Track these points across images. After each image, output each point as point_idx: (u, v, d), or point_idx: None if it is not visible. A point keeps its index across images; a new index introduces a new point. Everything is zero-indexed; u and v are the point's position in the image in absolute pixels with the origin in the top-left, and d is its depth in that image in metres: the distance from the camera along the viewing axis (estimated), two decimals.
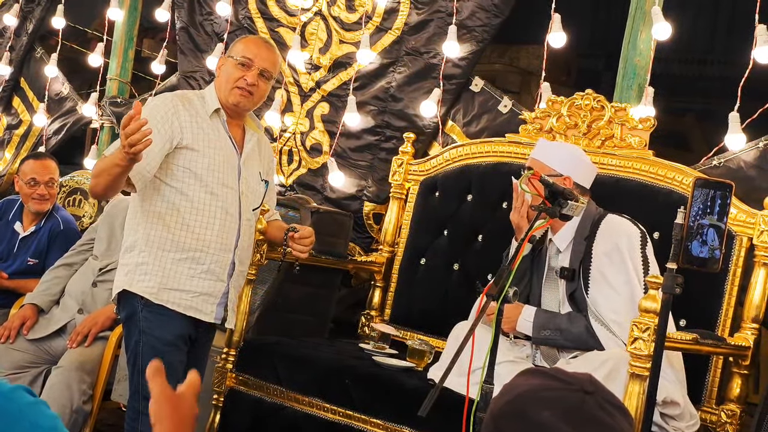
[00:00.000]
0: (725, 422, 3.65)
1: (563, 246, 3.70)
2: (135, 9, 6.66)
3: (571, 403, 1.54)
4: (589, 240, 3.61)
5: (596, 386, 1.58)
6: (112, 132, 6.51)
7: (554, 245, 3.73)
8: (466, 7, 5.00)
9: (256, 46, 3.61)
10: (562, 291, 3.68)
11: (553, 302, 3.72)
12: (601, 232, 3.60)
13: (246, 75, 3.54)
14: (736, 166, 4.09)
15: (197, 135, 3.45)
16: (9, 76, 7.06)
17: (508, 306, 3.62)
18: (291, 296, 4.74)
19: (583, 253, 3.60)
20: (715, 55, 8.57)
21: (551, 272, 3.74)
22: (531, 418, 1.54)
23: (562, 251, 3.70)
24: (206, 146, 3.45)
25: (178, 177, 3.43)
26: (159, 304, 3.41)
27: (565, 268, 3.65)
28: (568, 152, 3.84)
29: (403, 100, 5.20)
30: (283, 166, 5.58)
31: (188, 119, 3.45)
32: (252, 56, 3.56)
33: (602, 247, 3.56)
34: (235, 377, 4.11)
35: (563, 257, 3.70)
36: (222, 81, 3.57)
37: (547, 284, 3.76)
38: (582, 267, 3.59)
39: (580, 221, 3.67)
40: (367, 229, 5.25)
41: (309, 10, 5.58)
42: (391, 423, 3.65)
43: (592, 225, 3.64)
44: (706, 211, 2.66)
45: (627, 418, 1.58)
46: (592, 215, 3.69)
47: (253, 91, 3.56)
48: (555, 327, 3.58)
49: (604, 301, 3.48)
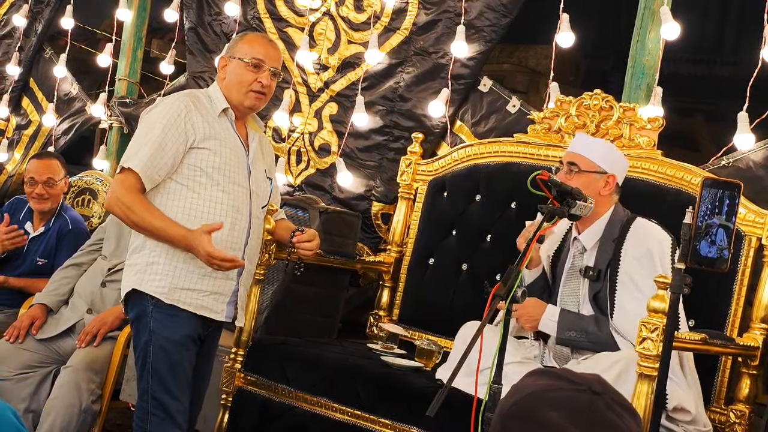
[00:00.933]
0: (734, 422, 3.65)
1: (590, 245, 3.69)
2: (144, 9, 6.67)
3: (579, 404, 1.53)
4: (618, 242, 3.59)
5: (604, 387, 1.57)
6: (120, 132, 6.52)
7: (580, 243, 3.72)
8: (475, 7, 5.00)
9: (263, 47, 3.61)
10: (584, 291, 3.67)
11: (571, 301, 3.70)
12: (632, 236, 3.59)
13: (259, 77, 3.54)
14: (744, 166, 4.09)
15: (209, 134, 3.45)
16: (18, 77, 7.08)
17: (531, 303, 3.62)
18: (299, 296, 4.74)
19: (611, 255, 3.59)
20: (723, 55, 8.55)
21: (573, 271, 3.73)
22: (539, 418, 1.53)
23: (588, 250, 3.69)
24: (217, 145, 3.46)
25: (190, 176, 3.43)
26: (170, 304, 3.40)
27: (590, 268, 3.64)
28: (610, 149, 3.80)
29: (412, 100, 5.20)
30: (291, 166, 5.58)
31: (200, 119, 3.45)
32: (262, 57, 3.56)
33: (633, 251, 3.55)
34: (244, 377, 4.11)
35: (588, 256, 3.69)
36: (233, 83, 3.56)
37: (567, 283, 3.74)
38: (609, 269, 3.58)
39: (609, 222, 3.67)
40: (376, 229, 5.25)
41: (317, 10, 5.58)
42: (399, 423, 3.65)
43: (622, 227, 3.63)
44: (715, 211, 2.65)
45: (635, 419, 1.58)
46: (620, 216, 3.68)
47: (266, 92, 3.58)
48: (581, 329, 3.56)
49: (632, 305, 3.46)
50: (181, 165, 3.42)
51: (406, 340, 4.52)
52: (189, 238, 3.33)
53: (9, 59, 7.10)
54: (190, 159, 3.43)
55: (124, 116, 6.40)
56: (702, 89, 8.25)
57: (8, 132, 7.16)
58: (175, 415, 3.41)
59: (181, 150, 3.40)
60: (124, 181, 3.38)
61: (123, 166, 3.37)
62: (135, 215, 3.36)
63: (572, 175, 3.65)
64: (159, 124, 3.38)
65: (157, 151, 3.35)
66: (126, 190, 3.36)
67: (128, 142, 3.52)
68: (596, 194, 3.60)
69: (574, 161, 3.66)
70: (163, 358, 3.39)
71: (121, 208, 3.37)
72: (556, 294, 3.76)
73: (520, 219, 4.32)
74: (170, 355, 3.40)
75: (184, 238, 3.34)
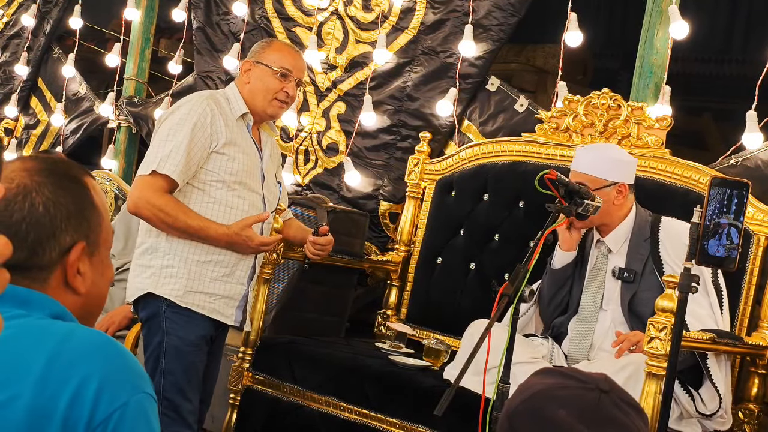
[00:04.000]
0: (743, 422, 3.64)
1: (616, 247, 3.68)
2: (152, 9, 6.68)
3: (587, 402, 1.54)
4: (652, 243, 3.58)
5: (611, 385, 1.58)
6: (129, 132, 6.53)
7: (605, 245, 3.71)
8: (483, 7, 5.00)
9: (292, 57, 3.62)
10: (611, 293, 3.66)
11: (593, 303, 3.69)
12: (667, 236, 3.59)
13: (286, 87, 3.55)
14: (753, 165, 4.08)
15: (229, 140, 3.44)
16: (27, 77, 7.09)
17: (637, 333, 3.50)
18: (307, 295, 4.74)
19: (647, 256, 3.58)
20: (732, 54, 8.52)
21: (597, 272, 3.72)
22: (546, 416, 1.54)
23: (615, 252, 3.68)
24: (236, 151, 3.46)
25: (206, 180, 3.43)
26: (184, 307, 3.42)
27: (623, 269, 3.62)
28: (613, 157, 3.75)
29: (419, 100, 5.20)
30: (299, 165, 5.59)
31: (221, 124, 3.44)
32: (291, 67, 3.57)
33: (673, 252, 3.54)
34: (252, 376, 4.12)
35: (616, 258, 3.68)
36: (258, 90, 3.55)
37: (589, 286, 3.73)
38: (645, 270, 3.58)
39: (635, 222, 3.66)
40: (383, 228, 5.25)
41: (325, 9, 5.58)
42: (407, 422, 3.65)
43: (651, 227, 3.63)
44: (723, 210, 2.64)
45: (642, 417, 1.58)
46: (644, 216, 3.68)
47: (289, 102, 3.60)
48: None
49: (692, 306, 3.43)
50: (198, 169, 3.43)
51: (414, 339, 4.52)
52: (231, 236, 3.39)
53: (18, 59, 7.12)
54: (209, 164, 3.43)
55: (133, 116, 6.40)
56: (710, 88, 8.23)
57: (17, 132, 7.17)
58: (186, 416, 3.42)
59: (204, 155, 3.40)
60: (152, 184, 3.35)
61: (155, 170, 3.33)
62: (169, 217, 3.35)
63: None
64: (185, 127, 3.36)
65: (188, 155, 3.35)
66: (155, 192, 3.34)
67: (136, 142, 3.53)
68: (611, 204, 3.62)
69: (582, 182, 3.62)
70: (176, 358, 3.40)
71: (151, 211, 3.35)
72: (578, 296, 3.75)
73: (527, 218, 4.33)
74: (184, 355, 3.40)
75: (226, 236, 3.39)
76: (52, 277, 1.60)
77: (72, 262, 1.62)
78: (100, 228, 1.67)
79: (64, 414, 1.48)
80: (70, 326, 1.59)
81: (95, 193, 1.68)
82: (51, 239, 1.59)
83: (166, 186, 3.35)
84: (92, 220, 1.65)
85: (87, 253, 1.64)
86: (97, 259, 1.68)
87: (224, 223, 3.42)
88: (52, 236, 1.59)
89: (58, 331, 1.56)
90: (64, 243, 1.61)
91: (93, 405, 1.49)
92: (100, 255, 1.68)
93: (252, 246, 3.44)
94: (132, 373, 1.56)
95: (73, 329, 1.58)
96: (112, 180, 6.03)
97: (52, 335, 1.54)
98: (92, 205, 1.66)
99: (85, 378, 1.50)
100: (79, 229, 1.63)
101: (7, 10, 7.32)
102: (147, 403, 1.55)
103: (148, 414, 1.55)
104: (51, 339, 1.53)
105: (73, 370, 1.51)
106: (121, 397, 1.51)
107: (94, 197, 1.67)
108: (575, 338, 3.70)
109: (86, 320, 1.69)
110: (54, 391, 1.49)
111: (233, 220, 3.44)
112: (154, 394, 1.59)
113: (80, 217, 1.63)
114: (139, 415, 1.53)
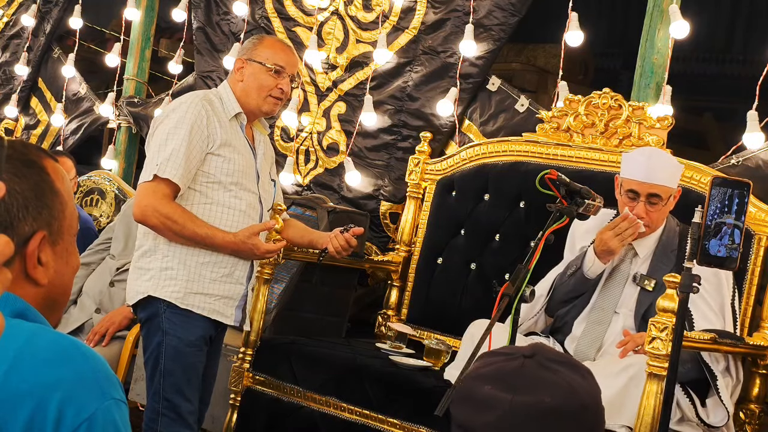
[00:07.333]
0: (744, 422, 3.64)
1: (644, 252, 3.65)
2: (152, 9, 6.68)
3: (509, 371, 1.54)
4: (678, 257, 3.56)
5: (537, 350, 1.57)
6: (129, 132, 6.53)
7: (632, 249, 3.68)
8: (483, 6, 5.00)
9: (285, 53, 3.60)
10: (627, 299, 3.64)
11: (607, 305, 3.67)
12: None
13: (280, 83, 3.54)
14: (754, 165, 4.07)
15: (225, 141, 3.43)
16: (27, 77, 7.09)
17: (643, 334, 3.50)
18: (308, 296, 4.74)
19: (672, 269, 3.54)
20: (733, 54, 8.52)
21: (616, 275, 3.69)
22: (475, 396, 1.55)
23: (641, 257, 3.66)
24: (231, 152, 3.45)
25: (202, 182, 3.42)
26: (183, 308, 3.42)
27: (644, 276, 3.60)
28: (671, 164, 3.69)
29: (420, 100, 5.20)
30: (299, 165, 5.58)
31: (217, 125, 3.43)
32: (284, 64, 3.55)
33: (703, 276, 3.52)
34: (252, 377, 4.11)
35: (639, 264, 3.65)
36: (252, 87, 3.53)
37: (607, 287, 3.71)
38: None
39: (664, 230, 3.64)
40: (384, 228, 5.25)
41: (326, 9, 5.58)
42: (408, 422, 3.65)
43: (680, 239, 3.61)
44: (724, 210, 2.64)
45: (577, 371, 1.56)
46: (672, 225, 3.66)
47: (284, 99, 3.59)
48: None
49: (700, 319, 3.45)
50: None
51: (415, 339, 4.51)
52: (238, 243, 3.40)
53: (18, 59, 7.11)
54: (205, 166, 3.42)
55: (133, 116, 6.40)
56: (711, 88, 8.22)
57: (17, 132, 7.17)
58: (186, 417, 3.41)
59: (202, 157, 3.40)
60: (157, 191, 3.33)
61: (157, 175, 3.32)
62: (176, 225, 3.33)
63: (655, 207, 3.58)
64: (183, 129, 3.35)
65: (187, 158, 3.34)
66: (161, 200, 3.32)
67: (136, 142, 3.53)
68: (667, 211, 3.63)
69: (657, 193, 3.57)
70: (176, 358, 3.40)
71: (159, 218, 3.33)
72: (590, 295, 3.73)
73: (528, 218, 4.32)
74: (183, 356, 3.40)
75: (233, 244, 3.40)
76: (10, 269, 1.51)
77: (31, 252, 1.53)
78: (62, 215, 1.58)
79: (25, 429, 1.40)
80: (32, 329, 1.50)
81: (57, 178, 1.59)
82: (8, 230, 1.50)
83: (169, 191, 3.33)
84: (54, 207, 1.57)
85: (49, 242, 1.55)
86: (61, 247, 1.59)
87: (222, 224, 3.42)
88: (9, 226, 1.50)
89: (19, 334, 1.47)
90: (23, 233, 1.52)
91: (57, 419, 1.41)
92: (64, 243, 1.60)
93: (257, 254, 3.45)
94: (98, 379, 1.48)
95: (35, 332, 1.50)
96: (112, 180, 6.03)
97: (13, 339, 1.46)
98: (53, 191, 1.57)
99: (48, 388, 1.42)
100: (38, 217, 1.54)
101: (7, 10, 7.32)
102: (115, 410, 1.47)
103: (116, 423, 1.47)
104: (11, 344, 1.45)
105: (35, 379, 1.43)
106: (88, 408, 1.43)
107: (56, 182, 1.58)
108: (584, 339, 3.66)
109: (51, 310, 1.61)
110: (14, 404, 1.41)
111: (231, 221, 3.44)
112: (123, 397, 1.50)
113: (39, 205, 1.54)
114: (107, 425, 1.45)
